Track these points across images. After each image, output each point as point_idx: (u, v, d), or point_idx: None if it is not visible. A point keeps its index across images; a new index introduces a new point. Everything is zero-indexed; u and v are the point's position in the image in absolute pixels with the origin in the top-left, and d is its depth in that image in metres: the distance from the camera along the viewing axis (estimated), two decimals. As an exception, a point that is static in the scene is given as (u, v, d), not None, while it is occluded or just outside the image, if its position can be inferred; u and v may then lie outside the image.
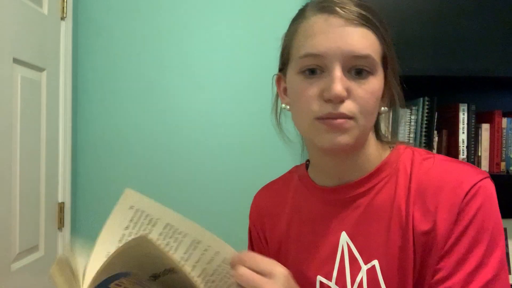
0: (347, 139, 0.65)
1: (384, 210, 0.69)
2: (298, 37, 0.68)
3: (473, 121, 1.62)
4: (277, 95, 0.79)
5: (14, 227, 1.59)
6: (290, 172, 0.86)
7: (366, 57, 0.64)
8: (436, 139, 1.65)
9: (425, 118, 1.62)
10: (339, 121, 0.64)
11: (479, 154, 1.65)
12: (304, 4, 0.71)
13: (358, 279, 0.69)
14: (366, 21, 0.65)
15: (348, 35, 0.64)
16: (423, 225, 0.65)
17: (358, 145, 0.70)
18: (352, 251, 0.70)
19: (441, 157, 0.71)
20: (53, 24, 1.87)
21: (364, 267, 0.69)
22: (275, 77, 0.78)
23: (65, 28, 1.94)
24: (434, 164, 0.69)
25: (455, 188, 0.64)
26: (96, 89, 2.08)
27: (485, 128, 1.65)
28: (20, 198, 1.61)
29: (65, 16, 1.93)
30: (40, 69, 1.77)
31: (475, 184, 0.64)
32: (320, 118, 0.65)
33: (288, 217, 0.79)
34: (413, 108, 1.62)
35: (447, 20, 1.58)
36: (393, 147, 0.75)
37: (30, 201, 1.70)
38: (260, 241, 0.84)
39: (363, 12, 0.65)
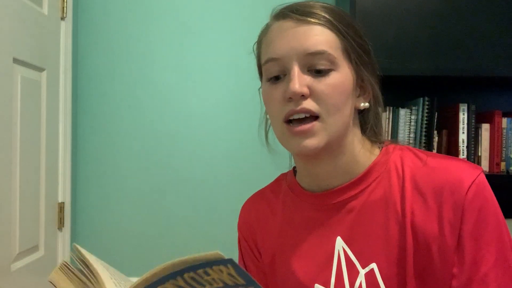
0: (314, 142, 0.65)
1: (379, 211, 0.68)
2: (262, 46, 0.71)
3: (473, 121, 1.62)
4: None
5: (14, 227, 1.59)
6: (277, 180, 0.85)
7: (321, 53, 0.64)
8: (436, 139, 1.65)
9: (425, 118, 1.62)
10: (304, 126, 0.64)
11: (479, 154, 1.65)
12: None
13: (357, 284, 0.67)
14: (318, 19, 0.66)
15: (300, 34, 0.65)
16: (427, 224, 0.64)
17: (335, 147, 0.68)
18: (349, 256, 0.69)
19: (433, 154, 0.71)
20: (53, 24, 1.87)
21: (362, 271, 0.67)
22: (260, 90, 0.77)
23: (65, 28, 1.94)
24: (429, 161, 0.68)
25: (455, 186, 0.63)
26: (96, 89, 2.08)
27: (485, 128, 1.65)
28: (20, 198, 1.61)
29: (65, 16, 1.93)
30: (40, 69, 1.77)
31: (473, 181, 0.63)
32: (287, 121, 0.66)
33: (280, 227, 0.78)
34: (413, 108, 1.62)
35: (447, 20, 1.58)
36: (382, 146, 0.74)
37: (30, 201, 1.70)
38: (251, 252, 0.82)
39: (315, 11, 0.66)
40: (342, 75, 0.66)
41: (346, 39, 0.66)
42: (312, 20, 0.65)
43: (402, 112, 1.63)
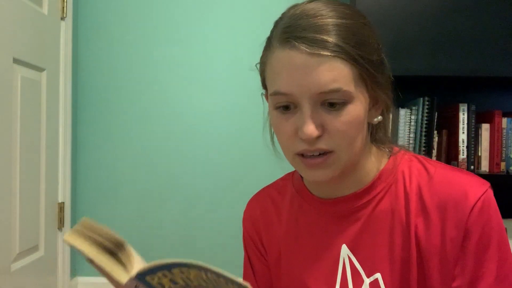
0: (328, 173, 0.64)
1: (385, 222, 0.68)
2: (268, 70, 0.66)
3: (473, 121, 1.62)
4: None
5: (14, 227, 1.59)
6: (282, 179, 0.83)
7: (335, 91, 0.59)
8: (436, 139, 1.65)
9: (425, 118, 1.62)
10: (317, 160, 0.62)
11: (479, 154, 1.65)
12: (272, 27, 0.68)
13: None
14: (331, 50, 0.59)
15: (312, 72, 0.59)
16: (429, 239, 0.64)
17: (347, 170, 0.67)
18: (354, 264, 0.69)
19: (442, 165, 0.69)
20: (53, 24, 1.87)
21: (367, 280, 0.67)
22: (263, 95, 0.75)
23: (65, 28, 1.94)
24: (436, 174, 0.66)
25: (460, 202, 0.63)
26: (96, 89, 2.08)
27: (485, 128, 1.65)
28: (20, 198, 1.61)
29: (65, 16, 1.93)
30: (40, 69, 1.77)
31: (479, 198, 0.62)
32: (299, 154, 0.64)
33: (286, 227, 0.77)
34: (413, 108, 1.62)
35: (447, 20, 1.58)
36: (390, 153, 0.72)
37: (30, 201, 1.70)
38: (256, 249, 0.82)
39: (326, 38, 0.59)
40: (357, 106, 0.62)
41: (361, 65, 0.61)
42: (323, 52, 0.58)
43: (402, 112, 1.63)
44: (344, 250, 0.70)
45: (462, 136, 1.63)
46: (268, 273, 0.80)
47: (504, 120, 1.64)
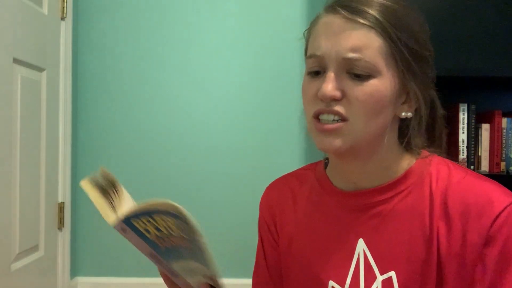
0: (337, 143, 0.63)
1: (406, 220, 0.67)
2: (310, 36, 0.69)
3: (473, 121, 1.62)
4: None
5: (14, 227, 1.59)
6: (304, 169, 0.83)
7: (359, 59, 0.61)
8: (436, 139, 1.65)
9: (425, 118, 1.62)
10: (330, 125, 0.63)
11: (479, 154, 1.65)
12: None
13: None
14: (368, 20, 0.61)
15: (344, 37, 0.62)
16: (450, 243, 0.63)
17: (363, 151, 0.67)
18: (368, 260, 0.68)
19: (470, 172, 0.68)
20: (53, 24, 1.87)
21: (380, 278, 0.67)
22: None
23: (65, 28, 1.94)
24: (463, 180, 0.66)
25: (485, 209, 0.62)
26: (96, 89, 2.08)
27: (485, 128, 1.65)
28: (20, 198, 1.61)
29: (65, 16, 1.93)
30: (40, 69, 1.77)
31: (505, 208, 0.61)
32: (315, 117, 0.65)
33: (302, 216, 0.77)
34: (413, 108, 1.62)
35: (447, 20, 1.58)
36: (419, 156, 0.71)
37: (30, 201, 1.70)
38: (270, 234, 0.82)
39: (367, 10, 0.62)
40: (382, 83, 0.62)
41: (395, 44, 0.62)
42: (360, 20, 0.61)
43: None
44: (360, 244, 0.69)
45: (462, 136, 1.63)
46: (278, 259, 0.80)
47: (504, 120, 1.65)
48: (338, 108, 0.62)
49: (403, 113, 0.67)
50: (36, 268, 1.74)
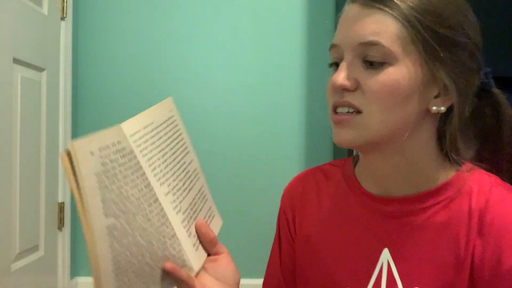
0: (349, 136, 0.60)
1: (438, 236, 0.61)
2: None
3: (473, 121, 1.62)
4: None
5: (14, 227, 1.59)
6: (332, 164, 0.77)
7: (374, 44, 0.57)
8: (436, 139, 1.65)
9: (425, 118, 1.62)
10: (344, 116, 0.59)
11: (479, 154, 1.65)
12: None
13: None
14: (384, 3, 0.57)
15: (358, 22, 0.58)
16: (483, 264, 0.58)
17: (385, 148, 0.62)
18: (392, 272, 0.63)
19: None
20: (53, 24, 1.87)
21: None
22: None
23: (65, 28, 1.94)
24: (506, 198, 0.60)
25: None
26: (96, 89, 2.08)
27: (485, 128, 1.65)
28: (20, 198, 1.61)
29: (65, 16, 1.93)
30: (40, 69, 1.77)
31: None
32: (333, 110, 0.61)
33: (325, 214, 0.72)
34: (413, 108, 1.62)
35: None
36: (459, 167, 0.64)
37: (30, 201, 1.70)
38: (287, 227, 0.77)
39: None
40: (400, 72, 0.57)
41: (415, 29, 0.57)
42: (377, 5, 0.58)
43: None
44: (385, 255, 0.64)
45: (462, 136, 1.63)
46: (293, 255, 0.76)
47: (504, 120, 1.64)
48: (351, 99, 0.59)
49: (434, 107, 0.60)
50: (36, 268, 1.74)
